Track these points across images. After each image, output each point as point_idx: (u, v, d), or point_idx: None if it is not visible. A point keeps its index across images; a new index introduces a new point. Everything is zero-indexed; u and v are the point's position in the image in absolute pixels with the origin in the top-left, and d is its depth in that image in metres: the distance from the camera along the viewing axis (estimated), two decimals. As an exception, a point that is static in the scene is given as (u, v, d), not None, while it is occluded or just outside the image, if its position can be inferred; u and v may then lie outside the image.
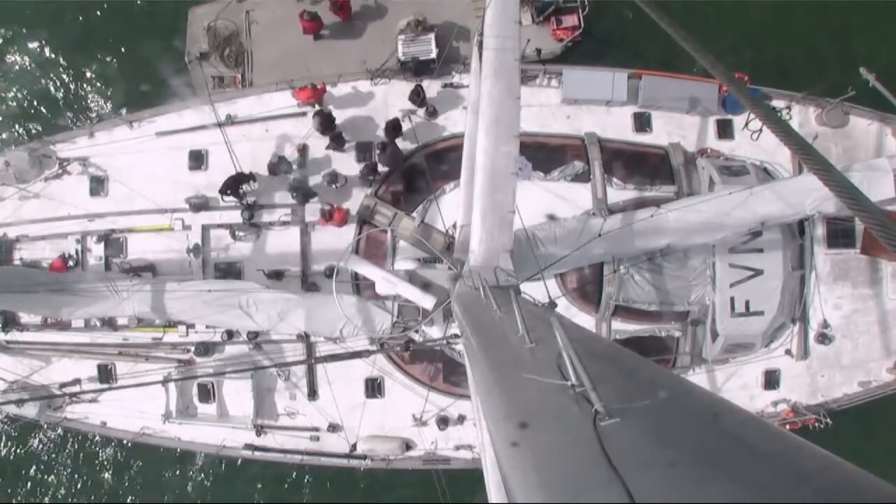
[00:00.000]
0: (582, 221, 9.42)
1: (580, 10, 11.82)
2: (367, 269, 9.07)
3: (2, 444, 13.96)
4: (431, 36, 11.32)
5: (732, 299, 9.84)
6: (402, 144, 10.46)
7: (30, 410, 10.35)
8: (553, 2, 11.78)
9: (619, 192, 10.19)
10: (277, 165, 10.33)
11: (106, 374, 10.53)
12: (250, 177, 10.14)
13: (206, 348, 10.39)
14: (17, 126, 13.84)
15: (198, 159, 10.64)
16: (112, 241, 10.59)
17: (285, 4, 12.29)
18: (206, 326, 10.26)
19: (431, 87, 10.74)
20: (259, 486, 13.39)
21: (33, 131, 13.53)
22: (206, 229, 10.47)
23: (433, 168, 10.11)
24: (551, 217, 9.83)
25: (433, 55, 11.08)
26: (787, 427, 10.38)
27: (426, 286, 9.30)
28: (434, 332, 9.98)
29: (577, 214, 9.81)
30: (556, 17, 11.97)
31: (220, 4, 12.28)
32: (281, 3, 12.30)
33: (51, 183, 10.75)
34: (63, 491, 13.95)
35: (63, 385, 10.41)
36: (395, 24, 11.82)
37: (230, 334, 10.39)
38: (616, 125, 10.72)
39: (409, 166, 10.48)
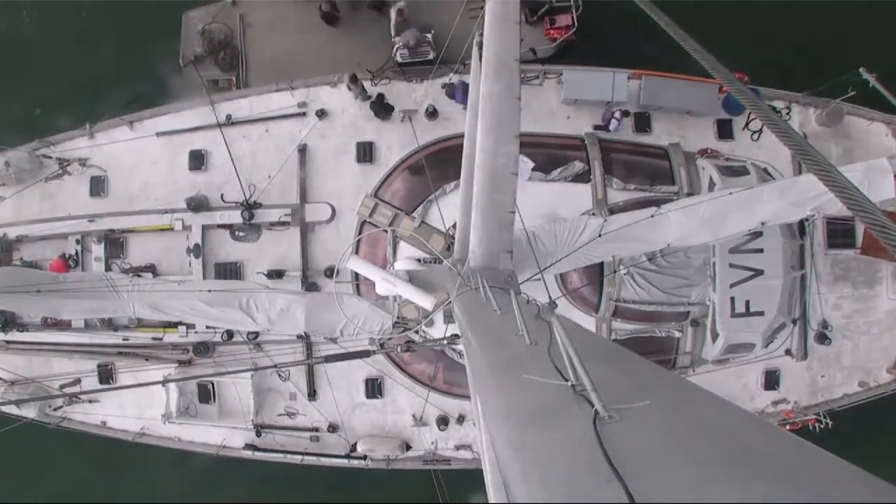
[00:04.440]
0: (582, 221, 9.40)
1: (573, 10, 11.75)
2: (367, 269, 9.04)
3: (2, 445, 13.94)
4: (428, 37, 11.30)
5: (732, 299, 9.83)
6: (403, 143, 10.52)
7: (30, 410, 10.36)
8: (546, 1, 11.72)
9: (619, 193, 10.18)
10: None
11: (106, 374, 10.54)
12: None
13: (206, 348, 10.39)
14: (17, 126, 13.82)
15: (198, 159, 10.65)
16: (112, 242, 10.60)
17: (279, 7, 12.26)
18: (206, 326, 10.25)
19: (431, 88, 10.74)
20: (259, 486, 13.37)
21: (33, 131, 13.53)
22: (206, 229, 10.48)
23: (433, 168, 10.11)
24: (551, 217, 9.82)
25: (430, 56, 11.06)
26: (787, 427, 10.38)
27: (426, 286, 9.28)
28: (434, 332, 9.97)
29: (577, 215, 9.81)
30: (549, 17, 11.87)
31: (214, 8, 12.25)
32: (274, 5, 12.28)
33: (51, 183, 10.76)
34: (63, 491, 13.94)
35: (63, 385, 10.42)
36: (389, 25, 11.78)
37: (230, 334, 10.40)
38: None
39: (409, 166, 10.48)
